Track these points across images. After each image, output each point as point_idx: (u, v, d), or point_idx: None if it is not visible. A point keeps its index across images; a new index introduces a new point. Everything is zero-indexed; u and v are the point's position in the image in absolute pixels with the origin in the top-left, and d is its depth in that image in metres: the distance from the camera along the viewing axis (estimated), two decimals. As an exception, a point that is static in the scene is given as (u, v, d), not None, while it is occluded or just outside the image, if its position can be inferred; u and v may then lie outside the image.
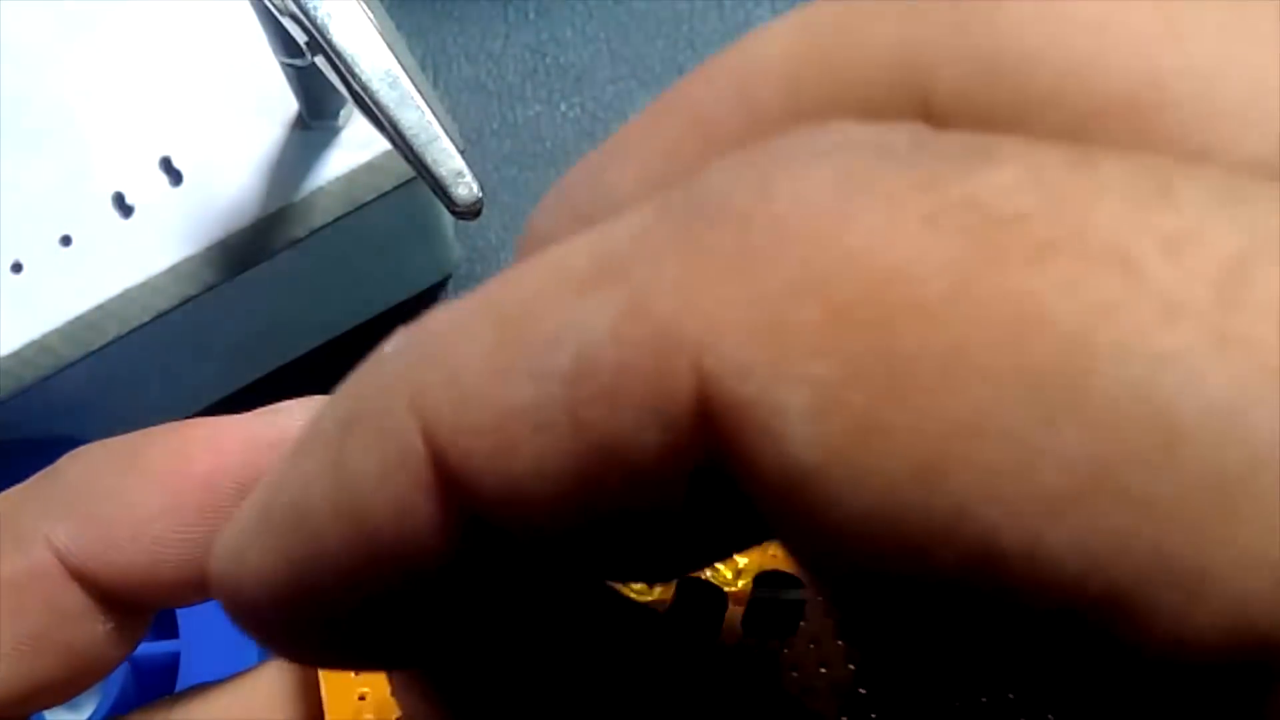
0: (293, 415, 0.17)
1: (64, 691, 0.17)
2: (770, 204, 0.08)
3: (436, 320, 0.10)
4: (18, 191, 0.32)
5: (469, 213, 0.26)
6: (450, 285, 0.38)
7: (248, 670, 0.17)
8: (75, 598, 0.16)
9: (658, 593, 0.16)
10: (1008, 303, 0.07)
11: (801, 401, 0.08)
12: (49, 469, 0.17)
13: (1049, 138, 0.09)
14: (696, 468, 0.08)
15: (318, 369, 0.37)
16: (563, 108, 0.40)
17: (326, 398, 0.17)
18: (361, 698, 0.16)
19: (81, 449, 0.17)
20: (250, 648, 0.30)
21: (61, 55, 0.32)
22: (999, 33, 0.09)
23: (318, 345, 0.38)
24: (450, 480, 0.09)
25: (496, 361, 0.09)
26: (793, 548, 0.08)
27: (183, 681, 0.30)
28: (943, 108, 0.10)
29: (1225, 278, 0.07)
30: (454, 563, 0.10)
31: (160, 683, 0.31)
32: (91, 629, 0.16)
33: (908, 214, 0.08)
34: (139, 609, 0.17)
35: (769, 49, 0.11)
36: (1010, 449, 0.07)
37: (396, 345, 0.10)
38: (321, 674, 0.16)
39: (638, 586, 0.16)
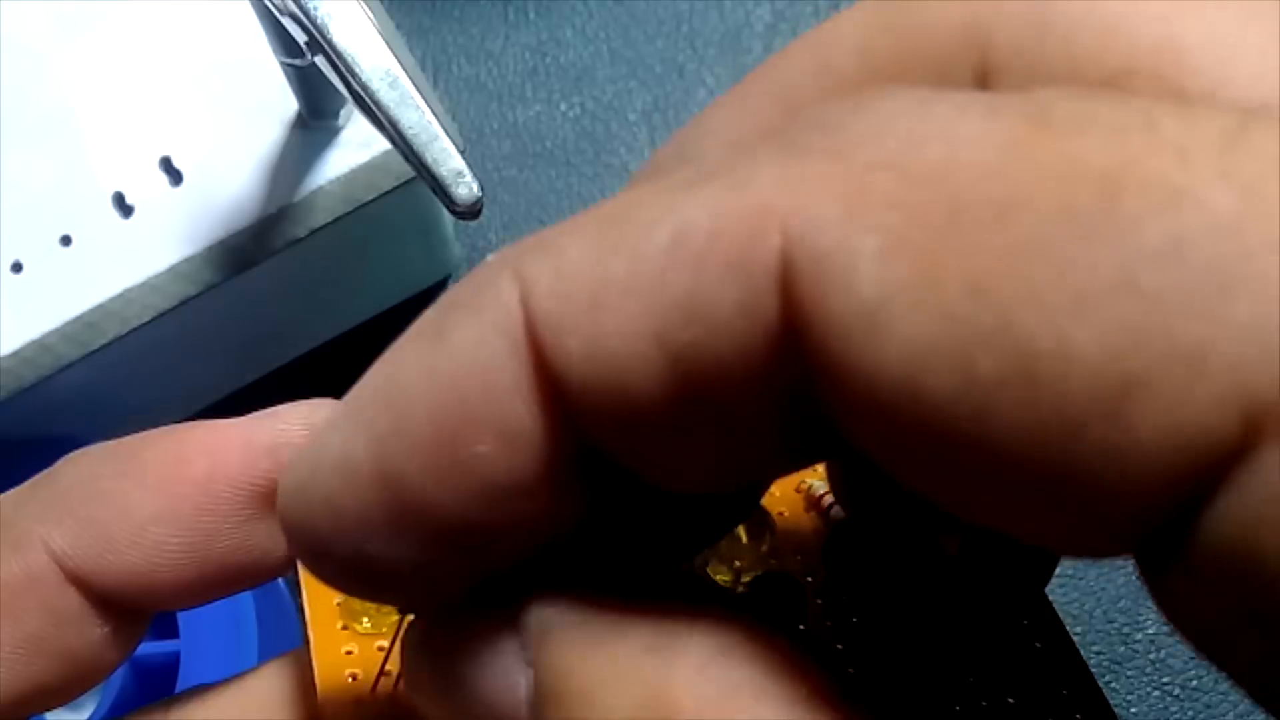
0: (291, 419, 0.17)
1: (62, 694, 0.16)
2: (859, 115, 0.09)
3: (539, 232, 0.10)
4: (18, 191, 0.32)
5: (469, 212, 0.26)
6: (450, 285, 0.38)
7: (247, 672, 0.17)
8: (72, 601, 0.16)
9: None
10: (1053, 157, 0.09)
11: (872, 245, 0.09)
12: (46, 472, 0.17)
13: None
14: (773, 361, 0.09)
15: (318, 369, 0.37)
16: (563, 107, 0.40)
17: (328, 399, 0.17)
18: (352, 676, 0.16)
19: (79, 452, 0.17)
20: (250, 648, 0.30)
21: (61, 55, 0.32)
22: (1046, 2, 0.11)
23: (318, 345, 0.37)
24: (540, 345, 0.10)
25: (598, 242, 0.10)
26: (848, 398, 0.09)
27: (183, 682, 0.30)
28: (998, 65, 0.11)
29: (1227, 135, 0.08)
30: (544, 466, 0.10)
31: (160, 683, 0.31)
32: (89, 632, 0.16)
33: (974, 110, 0.09)
34: (137, 612, 0.17)
35: (844, 25, 0.12)
36: (1047, 263, 0.08)
37: (496, 254, 0.11)
38: (319, 681, 0.16)
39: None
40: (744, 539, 0.16)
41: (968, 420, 0.09)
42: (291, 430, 0.17)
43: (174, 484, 0.16)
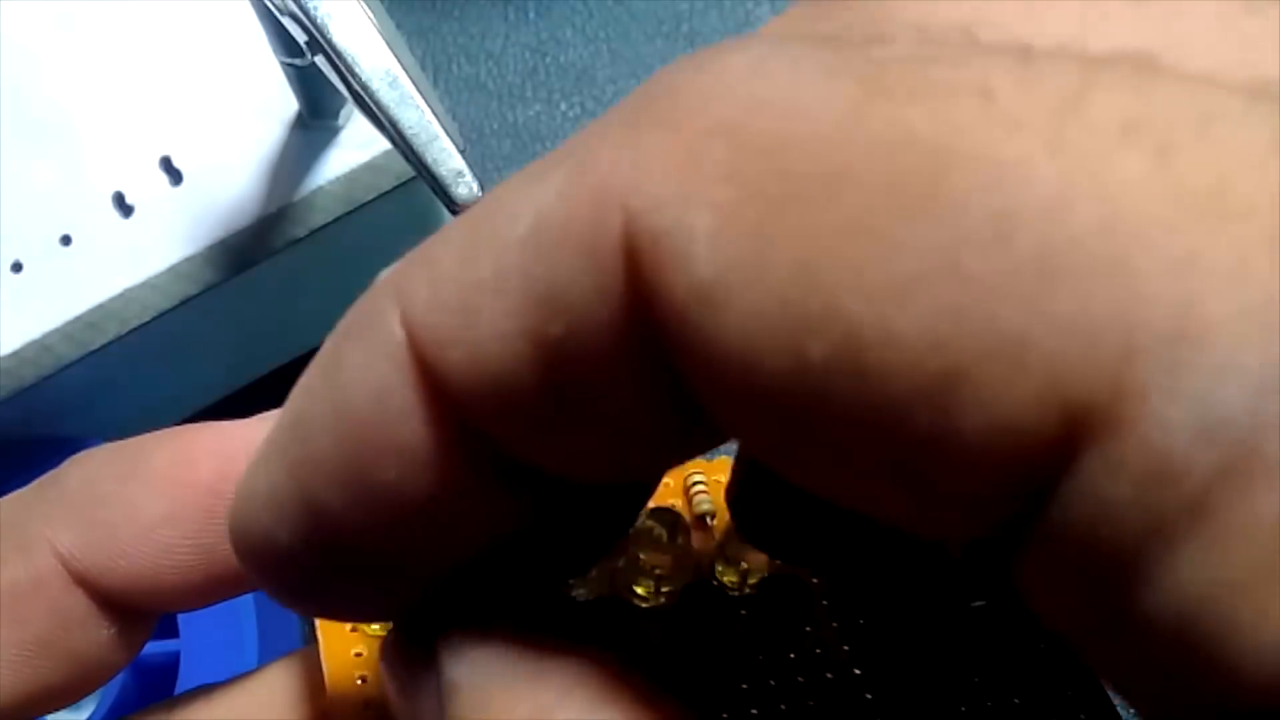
0: None
1: (67, 696, 0.16)
2: (697, 76, 0.09)
3: (425, 242, 0.10)
4: (18, 191, 0.32)
5: (469, 212, 0.26)
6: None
7: (252, 672, 0.17)
8: (78, 603, 0.16)
9: (661, 600, 0.16)
10: (884, 127, 0.08)
11: (705, 223, 0.08)
12: (52, 474, 0.17)
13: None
14: (634, 341, 0.09)
15: (318, 369, 0.37)
16: (563, 107, 0.40)
17: None
18: (361, 678, 0.16)
19: (84, 453, 0.17)
20: (250, 648, 0.30)
21: (61, 55, 0.32)
22: None
23: (317, 345, 0.37)
24: (425, 360, 0.10)
25: (465, 245, 0.10)
26: (697, 374, 0.09)
27: (183, 682, 0.30)
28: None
29: (1064, 102, 0.08)
30: (452, 479, 0.10)
31: (160, 683, 0.31)
32: (94, 634, 0.16)
33: (811, 70, 0.09)
34: (142, 614, 0.17)
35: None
36: (872, 244, 0.08)
37: (385, 272, 0.11)
38: (328, 683, 0.16)
39: (641, 591, 0.16)
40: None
41: (803, 401, 0.08)
42: None
43: (181, 486, 0.16)
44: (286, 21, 0.25)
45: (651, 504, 0.16)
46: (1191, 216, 0.07)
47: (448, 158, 0.25)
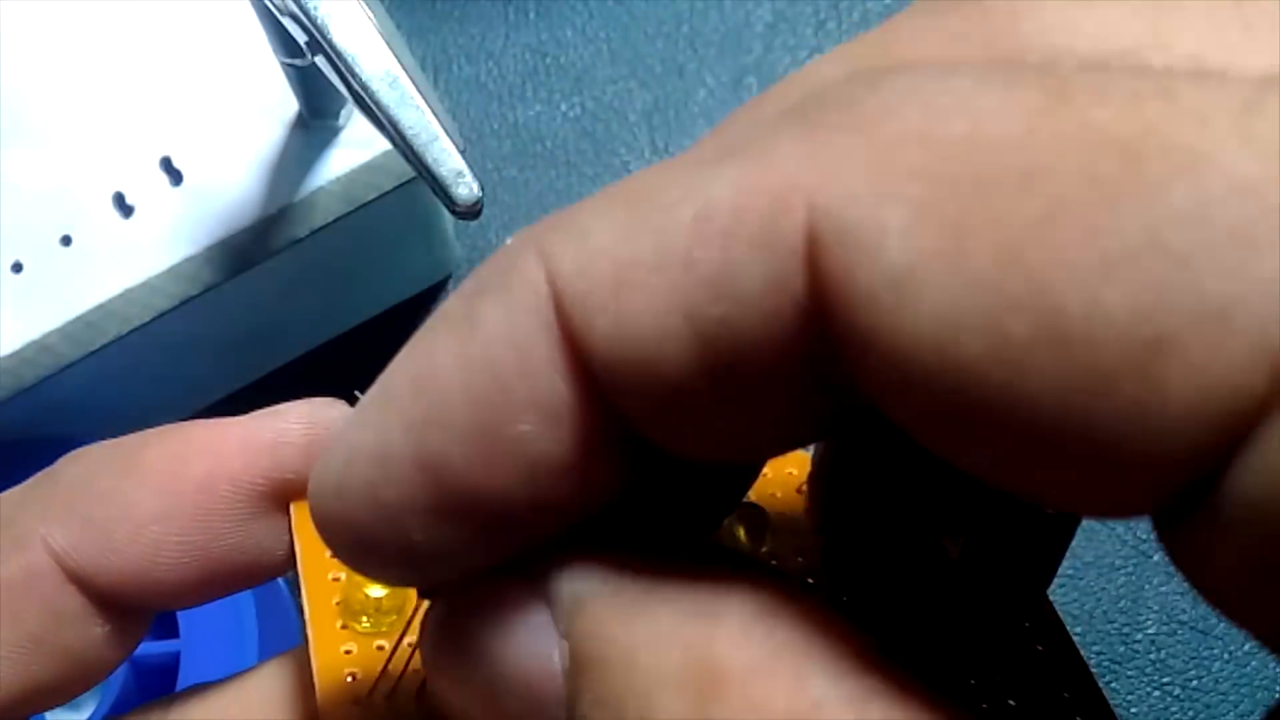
0: (292, 418, 0.17)
1: (62, 693, 0.16)
2: (877, 90, 0.10)
3: (564, 210, 0.10)
4: (18, 191, 0.32)
5: (469, 212, 0.26)
6: (450, 285, 0.38)
7: (246, 671, 0.17)
8: (73, 600, 0.16)
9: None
10: (1074, 127, 0.09)
11: (899, 216, 0.09)
12: (47, 470, 0.17)
13: None
14: (799, 330, 0.09)
15: (318, 369, 0.37)
16: (563, 107, 0.40)
17: (330, 399, 0.17)
18: (351, 675, 0.16)
19: (79, 451, 0.17)
20: (250, 647, 0.30)
21: (61, 55, 0.32)
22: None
23: (318, 345, 0.38)
24: (569, 323, 0.10)
25: (623, 220, 0.10)
26: (878, 367, 0.09)
27: (183, 681, 0.30)
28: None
29: (1246, 101, 0.09)
30: (583, 440, 0.10)
31: (160, 683, 0.31)
32: (89, 631, 0.16)
33: (994, 82, 0.09)
34: (137, 611, 0.17)
35: (831, 59, 0.12)
36: (1074, 228, 0.08)
37: (522, 233, 0.11)
38: (317, 681, 0.16)
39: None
40: (744, 539, 0.16)
41: (1000, 383, 0.09)
42: (292, 429, 0.17)
43: (175, 483, 0.16)
44: (287, 22, 0.25)
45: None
46: None
47: (448, 158, 0.25)
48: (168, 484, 0.16)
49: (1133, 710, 0.34)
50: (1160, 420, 0.08)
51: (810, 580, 0.16)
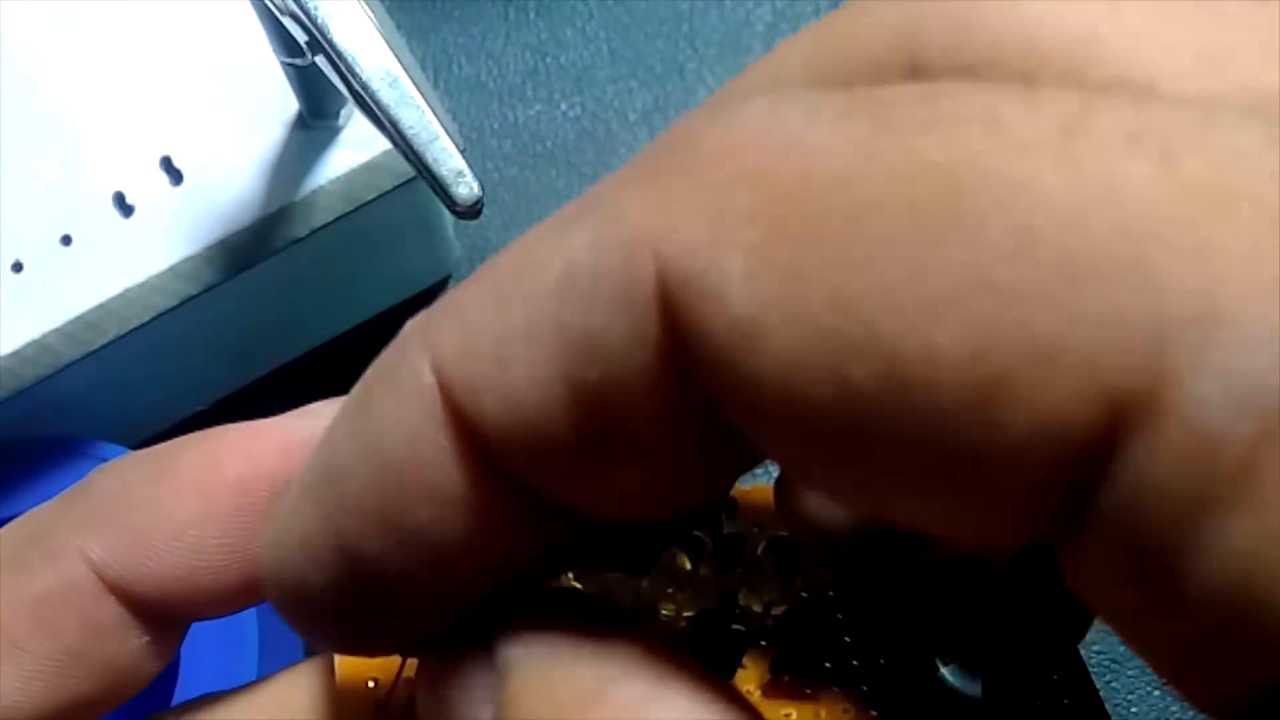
0: (323, 416, 0.17)
1: (100, 706, 0.16)
2: (715, 128, 0.10)
3: (456, 288, 0.11)
4: (18, 191, 0.32)
5: (469, 212, 0.26)
6: (450, 285, 0.38)
7: (258, 680, 0.17)
8: (111, 611, 0.16)
9: (681, 624, 0.16)
10: (898, 158, 0.09)
11: (738, 264, 0.09)
12: (80, 483, 0.17)
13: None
14: (670, 381, 0.10)
15: (318, 369, 0.37)
16: (563, 107, 0.40)
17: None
18: (372, 681, 0.16)
19: (111, 461, 0.17)
20: (250, 647, 0.30)
21: (61, 55, 0.32)
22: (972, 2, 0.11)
23: (318, 345, 0.38)
24: (457, 407, 0.10)
25: (494, 294, 0.10)
26: (738, 409, 0.09)
27: (182, 683, 0.30)
28: (927, 64, 0.11)
29: (1069, 121, 0.08)
30: (485, 518, 0.11)
31: (160, 682, 0.31)
32: (127, 643, 0.16)
33: (825, 113, 0.09)
34: (176, 621, 0.17)
35: (793, 43, 0.12)
36: (902, 268, 0.08)
37: (416, 316, 0.11)
38: (340, 683, 0.16)
39: (664, 613, 0.16)
40: (773, 573, 0.16)
41: (850, 426, 0.09)
42: (325, 428, 0.17)
43: (210, 486, 0.16)
44: (287, 21, 0.25)
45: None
46: (1200, 210, 0.08)
47: (448, 158, 0.25)
48: (204, 488, 0.16)
49: (1133, 710, 0.34)
50: (1006, 458, 0.08)
51: (840, 615, 0.16)
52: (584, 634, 0.11)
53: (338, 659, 0.16)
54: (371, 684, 0.16)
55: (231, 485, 0.16)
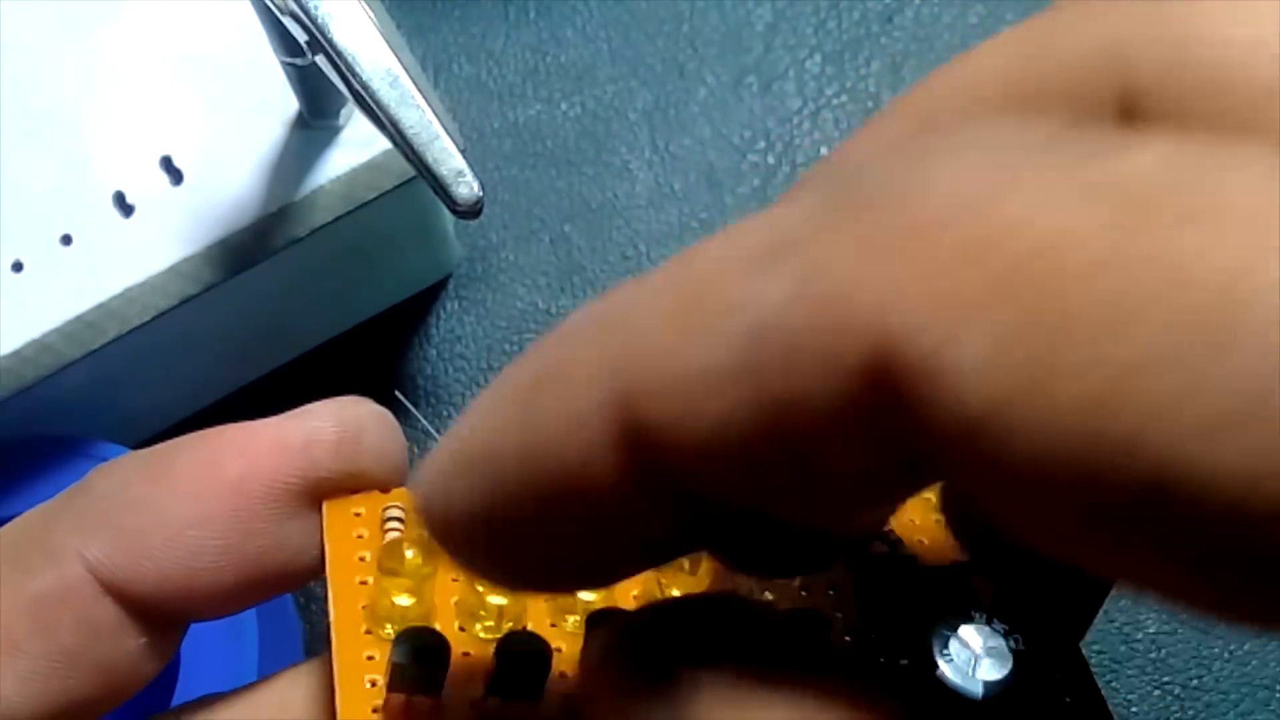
0: (322, 417, 0.17)
1: (98, 708, 0.16)
2: (927, 190, 0.09)
3: (620, 293, 0.11)
4: (18, 190, 0.31)
5: (470, 212, 0.26)
6: (450, 285, 0.38)
7: (258, 682, 0.17)
8: (108, 613, 0.16)
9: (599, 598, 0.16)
10: (1158, 262, 0.08)
11: (975, 353, 0.08)
12: (78, 484, 0.17)
13: (1234, 120, 0.10)
14: (870, 438, 0.09)
15: (318, 369, 0.37)
16: (563, 107, 0.40)
17: (358, 397, 0.17)
18: (372, 681, 0.16)
19: (109, 462, 0.17)
20: (250, 647, 0.30)
21: (62, 54, 0.32)
22: (1191, 24, 0.11)
23: (318, 345, 0.37)
24: (638, 436, 0.10)
25: (680, 327, 0.10)
26: (966, 490, 0.09)
27: (182, 684, 0.30)
28: (1141, 93, 0.11)
29: None
30: (628, 507, 0.11)
31: (161, 682, 0.31)
32: (125, 644, 0.16)
33: (1061, 189, 0.09)
34: (173, 622, 0.17)
35: (989, 51, 0.12)
36: (1177, 379, 0.08)
37: (581, 316, 0.11)
38: (338, 683, 0.16)
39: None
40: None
41: (1089, 516, 0.08)
42: (324, 428, 0.17)
43: (208, 486, 0.16)
44: (287, 21, 0.25)
45: None
46: None
47: (448, 157, 0.25)
48: (201, 488, 0.16)
49: (1133, 710, 0.34)
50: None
51: (839, 614, 0.16)
52: (773, 670, 0.11)
53: (338, 658, 0.16)
54: (371, 684, 0.16)
55: (229, 486, 0.16)
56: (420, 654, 0.15)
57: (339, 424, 0.17)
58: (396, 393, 0.36)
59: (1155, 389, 0.08)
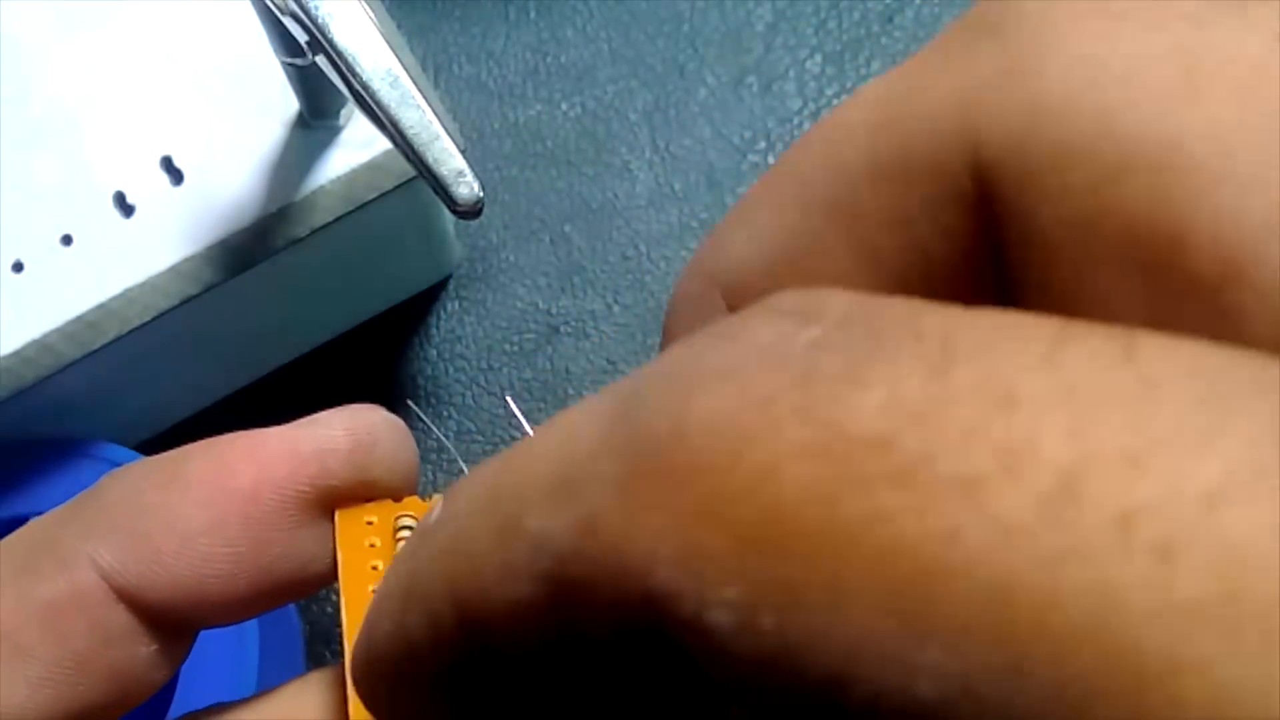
0: (334, 425, 0.17)
1: (107, 713, 0.16)
2: (683, 436, 0.09)
3: (460, 502, 0.11)
4: (19, 191, 0.31)
5: (470, 212, 0.26)
6: (451, 285, 0.38)
7: (263, 693, 0.17)
8: (120, 618, 0.16)
9: None
10: (872, 530, 0.08)
11: (725, 622, 0.08)
12: (91, 488, 0.17)
13: (1081, 191, 0.10)
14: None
15: (318, 369, 0.37)
16: (564, 107, 0.40)
17: (370, 405, 0.17)
18: None
19: (121, 468, 0.17)
20: (250, 654, 0.30)
21: (62, 54, 0.32)
22: (1040, 85, 0.11)
23: (318, 345, 0.37)
24: (473, 635, 0.11)
25: (500, 561, 0.10)
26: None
27: (182, 686, 0.30)
28: (991, 157, 0.11)
29: (1056, 494, 0.07)
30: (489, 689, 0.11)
31: (159, 688, 0.31)
32: (136, 650, 0.16)
33: (787, 445, 0.08)
34: (184, 628, 0.17)
35: (853, 117, 0.12)
36: (892, 669, 0.08)
37: (438, 517, 0.12)
38: (351, 693, 0.16)
39: None
40: None
41: None
42: (336, 436, 0.17)
43: (220, 494, 0.16)
44: (287, 21, 0.25)
45: None
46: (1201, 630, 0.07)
47: (449, 157, 0.25)
48: (214, 495, 0.16)
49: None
50: None
51: None
52: None
53: (348, 663, 0.16)
54: None
55: (241, 493, 0.16)
56: None
57: (351, 432, 0.17)
58: (409, 401, 0.36)
59: (872, 678, 0.08)
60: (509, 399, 0.35)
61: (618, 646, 0.10)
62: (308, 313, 0.36)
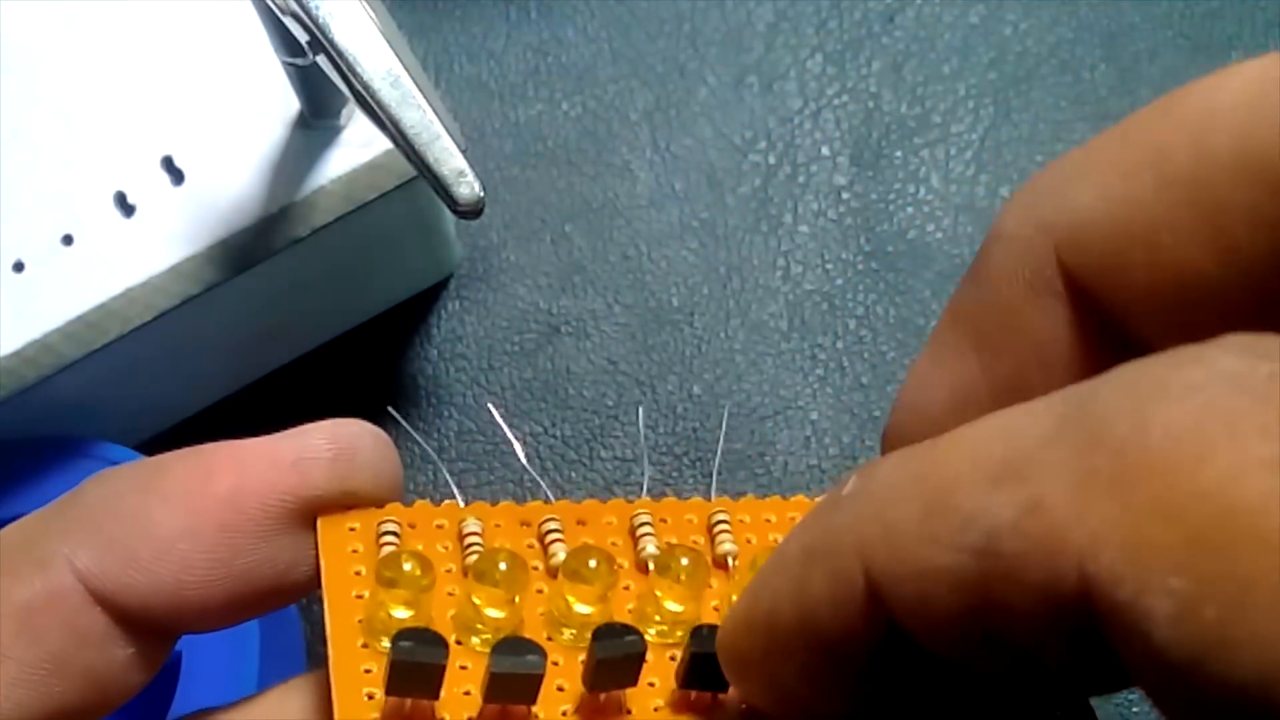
0: (316, 436, 0.17)
1: (83, 717, 0.16)
2: (1144, 436, 0.10)
3: (880, 476, 0.12)
4: (19, 191, 0.31)
5: (471, 212, 0.26)
6: (451, 285, 0.38)
7: (261, 693, 0.17)
8: (96, 621, 0.16)
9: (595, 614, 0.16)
10: None
11: (1164, 610, 0.09)
12: (71, 492, 0.17)
13: None
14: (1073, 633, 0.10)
15: (319, 369, 0.37)
16: (564, 107, 0.40)
17: (353, 419, 0.18)
18: (369, 695, 0.16)
19: (102, 472, 0.17)
20: (251, 655, 0.30)
21: (62, 54, 0.32)
22: None
23: (318, 345, 0.37)
24: (883, 609, 0.12)
25: (924, 530, 0.11)
26: (1163, 707, 0.10)
27: (182, 688, 0.30)
28: None
29: None
30: (875, 658, 0.12)
31: (161, 683, 0.31)
32: (113, 653, 0.16)
33: (1253, 457, 0.09)
34: (162, 633, 0.17)
35: (1226, 96, 0.12)
36: None
37: (851, 489, 0.13)
38: (335, 697, 0.16)
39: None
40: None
41: None
42: (317, 446, 0.17)
43: (199, 500, 0.16)
44: (288, 21, 0.25)
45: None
46: None
47: (449, 157, 0.25)
48: (193, 502, 0.16)
49: (1134, 710, 0.34)
50: None
51: None
52: None
53: (335, 672, 0.16)
54: (369, 698, 0.16)
55: (220, 500, 0.16)
56: (419, 650, 0.15)
57: (333, 442, 0.17)
58: (389, 408, 0.36)
59: None
60: (490, 406, 0.35)
61: (1031, 624, 0.11)
62: (309, 312, 0.36)
